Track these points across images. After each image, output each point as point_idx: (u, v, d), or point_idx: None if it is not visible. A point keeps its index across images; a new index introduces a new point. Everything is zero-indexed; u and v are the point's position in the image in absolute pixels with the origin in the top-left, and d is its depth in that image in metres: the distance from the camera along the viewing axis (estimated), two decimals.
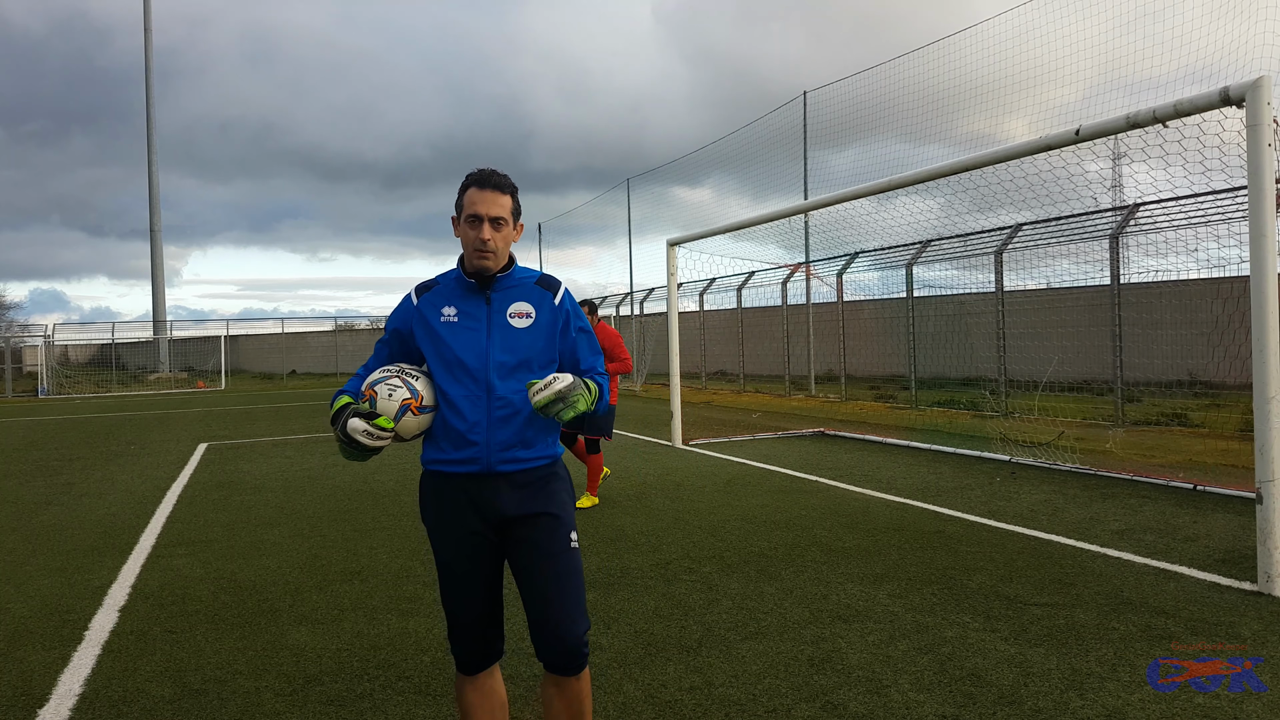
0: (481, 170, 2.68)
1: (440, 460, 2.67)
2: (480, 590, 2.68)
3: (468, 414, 2.61)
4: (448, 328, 2.68)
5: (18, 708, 3.73)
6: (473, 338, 2.66)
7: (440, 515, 2.70)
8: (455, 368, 2.65)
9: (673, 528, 6.81)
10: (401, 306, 2.81)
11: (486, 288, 2.70)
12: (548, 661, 2.64)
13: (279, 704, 3.70)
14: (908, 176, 8.57)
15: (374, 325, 46.60)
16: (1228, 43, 9.24)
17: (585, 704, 2.68)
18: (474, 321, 2.67)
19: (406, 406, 2.62)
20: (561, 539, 2.65)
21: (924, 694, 3.61)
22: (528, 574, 2.64)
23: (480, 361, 2.63)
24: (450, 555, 2.68)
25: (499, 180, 2.66)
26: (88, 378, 38.47)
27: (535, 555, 2.62)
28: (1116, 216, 12.87)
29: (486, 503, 2.63)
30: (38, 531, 7.34)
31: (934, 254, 16.39)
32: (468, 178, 2.69)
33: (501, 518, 2.63)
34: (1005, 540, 6.16)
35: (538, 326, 2.69)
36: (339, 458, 11.54)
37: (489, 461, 2.61)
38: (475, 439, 2.61)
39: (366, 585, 5.44)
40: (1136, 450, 10.00)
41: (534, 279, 2.77)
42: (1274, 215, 4.98)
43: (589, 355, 2.80)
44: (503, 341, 2.66)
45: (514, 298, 2.70)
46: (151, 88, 44.36)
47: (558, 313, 2.73)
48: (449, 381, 2.65)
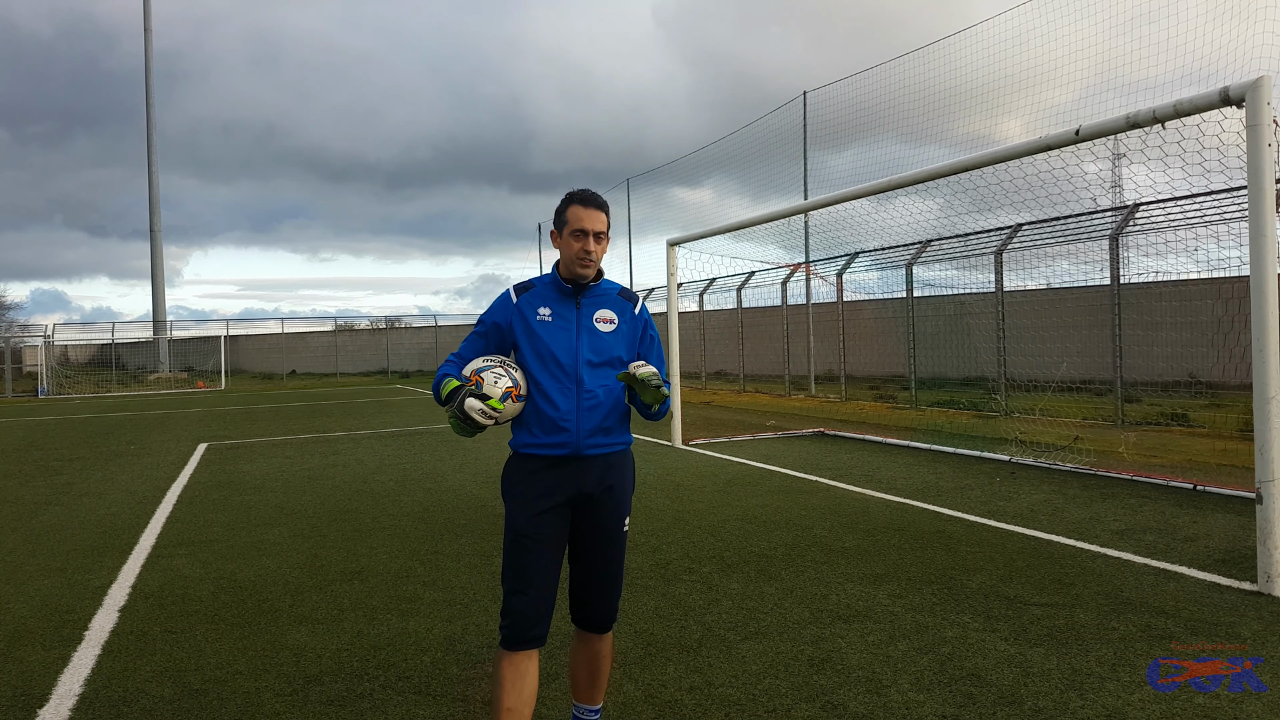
0: (583, 190, 3.02)
1: (533, 444, 2.96)
2: (554, 562, 2.94)
3: (560, 403, 2.92)
4: (543, 325, 2.99)
5: (18, 708, 3.73)
6: (565, 336, 2.98)
7: (528, 490, 2.94)
8: (549, 362, 2.95)
9: (673, 528, 6.81)
10: (501, 303, 3.09)
11: (579, 294, 3.03)
12: (580, 621, 3.09)
13: (279, 704, 3.70)
14: (907, 176, 8.57)
15: (374, 325, 46.62)
16: (1223, 46, 9.28)
17: (607, 659, 3.17)
18: (565, 322, 3.00)
19: (509, 393, 2.90)
20: (620, 519, 3.03)
21: (924, 694, 3.61)
22: (585, 546, 3.01)
23: (571, 358, 2.95)
24: (531, 526, 2.90)
25: (600, 200, 3.02)
26: (88, 378, 38.47)
27: (598, 531, 2.99)
28: (1116, 217, 12.88)
29: (572, 481, 2.94)
30: (38, 531, 7.34)
31: (934, 254, 16.39)
32: (570, 196, 3.02)
33: (582, 494, 2.95)
34: (1005, 540, 6.16)
35: (620, 332, 3.04)
36: (339, 458, 11.60)
37: (578, 445, 2.93)
38: (566, 425, 2.92)
39: (366, 585, 5.44)
40: (1137, 450, 10.00)
41: (616, 290, 3.12)
42: (1274, 215, 4.98)
43: (658, 364, 3.11)
44: (590, 342, 2.99)
45: (600, 305, 3.05)
46: (151, 88, 44.39)
47: (636, 322, 3.10)
48: (543, 374, 2.95)
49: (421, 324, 45.42)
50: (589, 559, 3.03)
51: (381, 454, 11.89)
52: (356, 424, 16.79)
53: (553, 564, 2.93)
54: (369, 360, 42.98)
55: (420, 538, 6.67)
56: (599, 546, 3.01)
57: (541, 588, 2.89)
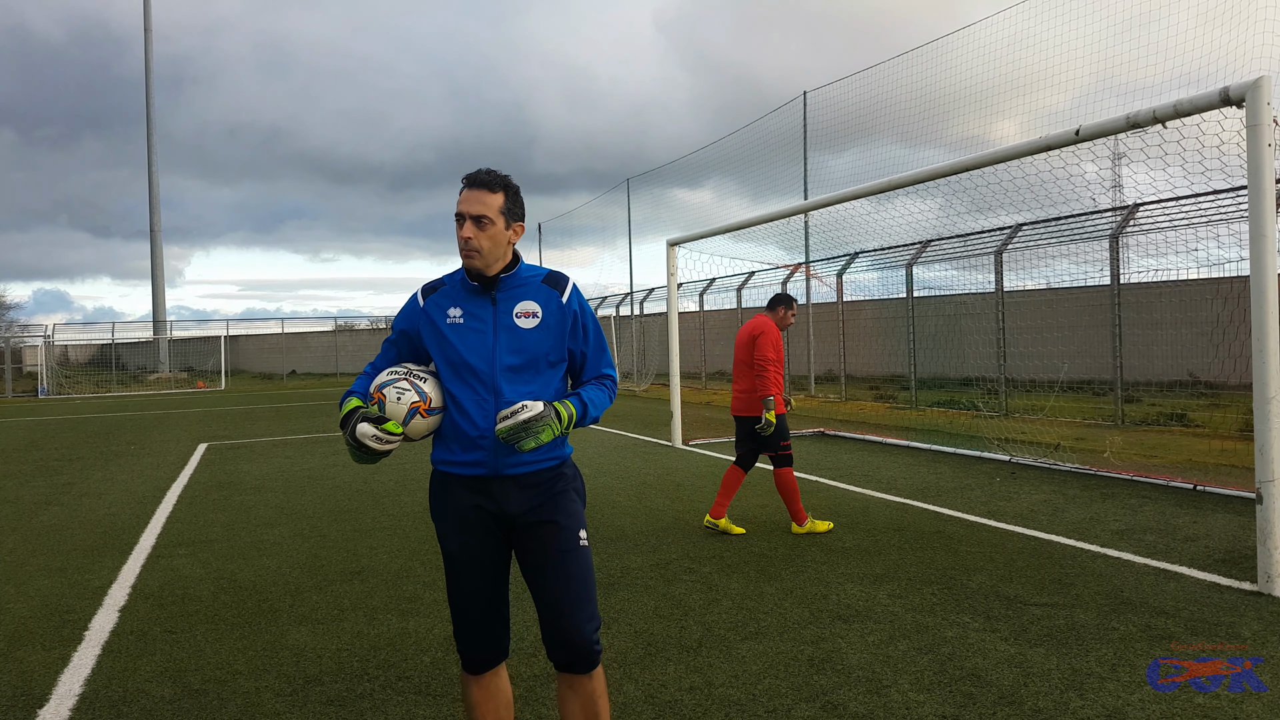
0: (475, 170, 2.65)
1: (448, 461, 2.66)
2: (487, 586, 2.67)
3: (476, 418, 2.59)
4: (454, 329, 2.64)
5: (18, 708, 3.73)
6: (479, 340, 2.62)
7: (448, 513, 2.69)
8: (462, 370, 2.62)
9: (673, 528, 6.81)
10: (408, 307, 2.77)
11: (491, 288, 2.65)
12: (558, 660, 2.63)
13: (279, 704, 3.70)
14: (907, 176, 8.57)
15: (374, 325, 46.60)
16: (1218, 50, 9.32)
17: (600, 703, 2.65)
18: (479, 323, 2.63)
19: (415, 409, 2.60)
20: (570, 538, 2.63)
21: (924, 694, 3.61)
22: (537, 573, 2.64)
23: (487, 364, 2.60)
24: (457, 551, 2.67)
25: (485, 178, 2.61)
26: (88, 378, 38.48)
27: (544, 555, 2.61)
28: (1116, 217, 12.88)
29: (494, 504, 2.62)
30: (38, 531, 7.33)
31: (934, 254, 16.40)
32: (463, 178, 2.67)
33: (509, 518, 2.63)
34: (1005, 540, 6.16)
35: (545, 326, 2.64)
36: (339, 458, 11.58)
37: (496, 465, 2.60)
38: (483, 443, 2.59)
39: (366, 585, 5.44)
40: (1137, 450, 10.00)
41: (540, 277, 2.72)
42: (1274, 215, 4.98)
43: (596, 355, 2.76)
44: (509, 343, 2.61)
45: (520, 297, 2.65)
46: (151, 89, 44.44)
47: (565, 310, 2.68)
48: (456, 384, 2.63)
49: None
50: (544, 586, 2.62)
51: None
52: None
53: (495, 586, 2.69)
54: (369, 360, 42.83)
55: (420, 538, 6.67)
56: (551, 569, 2.61)
57: (484, 611, 2.68)
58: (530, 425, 2.48)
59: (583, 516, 2.72)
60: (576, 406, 2.63)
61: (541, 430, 2.49)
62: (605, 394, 2.75)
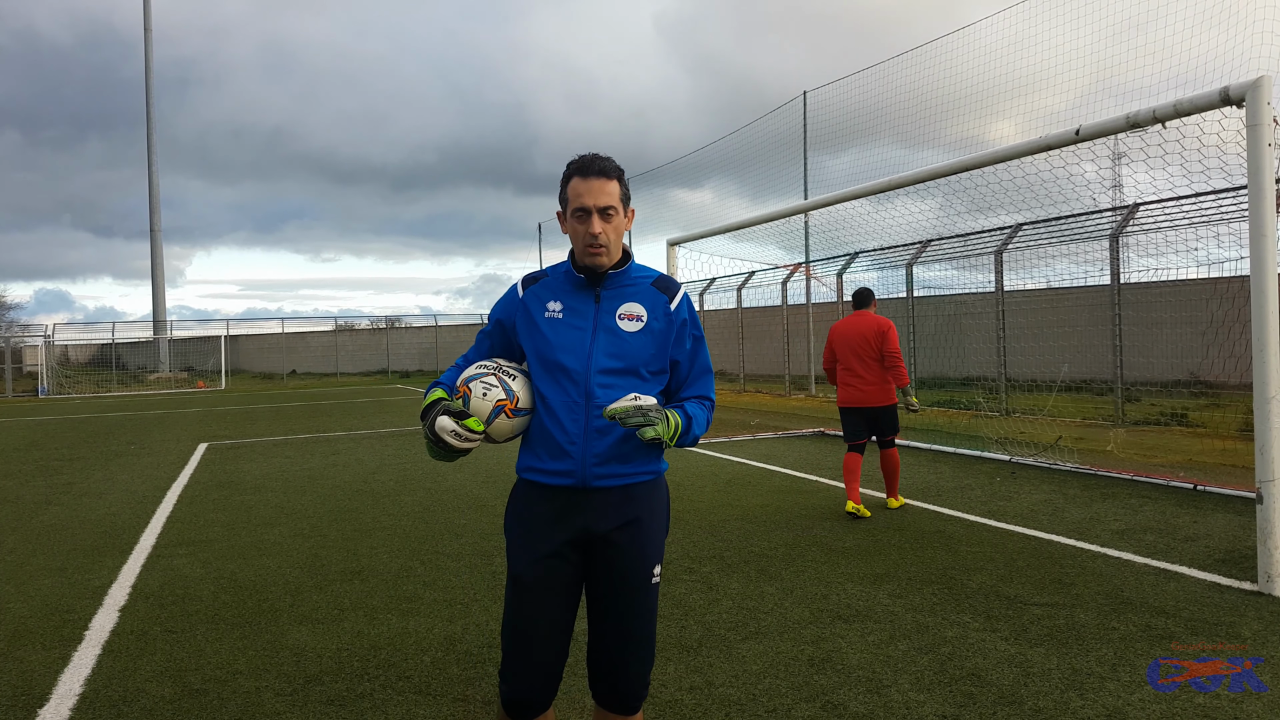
0: (584, 157, 2.44)
1: (535, 469, 2.46)
2: (559, 618, 2.43)
3: (566, 423, 2.40)
4: (551, 324, 2.46)
5: (18, 708, 3.73)
6: (577, 337, 2.43)
7: (528, 526, 2.47)
8: (554, 369, 2.43)
9: (673, 528, 6.78)
10: (507, 297, 2.59)
11: (597, 284, 2.47)
12: (604, 697, 2.49)
13: (279, 704, 3.70)
14: (907, 176, 8.57)
15: (374, 325, 46.61)
16: (1214, 53, 9.39)
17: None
18: (579, 319, 2.46)
19: (501, 408, 2.42)
20: (645, 571, 2.45)
21: (924, 694, 3.61)
22: (601, 604, 2.47)
23: (582, 365, 2.41)
24: (531, 571, 2.42)
25: (603, 165, 2.42)
26: (88, 378, 38.48)
27: (615, 586, 2.44)
28: (1116, 216, 12.88)
29: (578, 518, 2.42)
30: (38, 531, 7.34)
31: (934, 254, 16.40)
32: (569, 166, 2.46)
33: (590, 536, 2.43)
34: (1005, 540, 6.16)
35: (648, 331, 2.46)
36: (339, 458, 11.59)
37: (584, 475, 2.40)
38: (571, 450, 2.39)
39: (366, 585, 5.44)
40: (1137, 450, 10.00)
41: (651, 279, 2.54)
42: (1274, 215, 4.98)
43: (702, 374, 2.57)
44: (608, 345, 2.43)
45: (626, 298, 2.48)
46: (151, 89, 44.46)
47: (673, 319, 2.49)
48: (547, 384, 2.44)
49: (422, 324, 45.41)
50: (607, 617, 2.44)
51: (381, 454, 11.89)
52: (356, 424, 16.79)
53: (559, 619, 2.43)
54: (369, 360, 42.97)
55: (420, 538, 6.67)
56: (618, 602, 2.43)
57: (544, 648, 2.40)
58: (649, 412, 2.29)
59: (662, 548, 2.54)
60: (682, 417, 2.42)
61: (656, 420, 2.30)
62: (704, 414, 2.53)
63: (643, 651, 2.46)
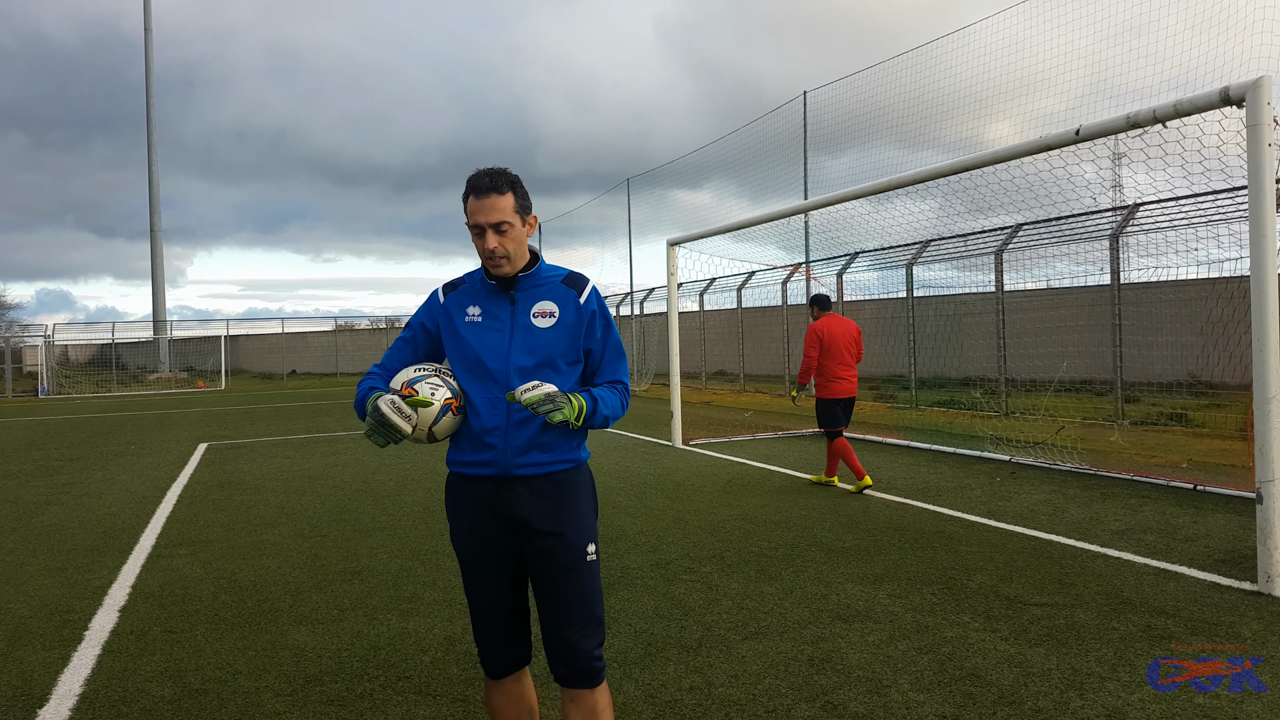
0: (477, 174, 2.57)
1: (461, 462, 2.63)
2: (502, 592, 2.64)
3: (486, 417, 2.55)
4: (471, 328, 2.63)
5: (18, 708, 3.73)
6: (496, 339, 2.60)
7: (461, 517, 2.67)
8: (477, 369, 2.59)
9: (673, 528, 6.81)
10: (428, 303, 2.75)
11: (510, 288, 2.63)
12: (559, 675, 2.61)
13: (279, 704, 3.70)
14: (907, 176, 8.57)
15: (374, 325, 46.62)
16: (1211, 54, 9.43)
17: (605, 714, 2.61)
18: (497, 322, 2.62)
19: (448, 407, 2.55)
20: (576, 551, 2.58)
21: (924, 694, 3.61)
22: (541, 586, 2.61)
23: (501, 363, 2.57)
24: (471, 556, 2.65)
25: (492, 181, 2.54)
26: (88, 378, 38.47)
27: (548, 568, 2.58)
28: (1116, 217, 12.88)
29: (504, 507, 2.58)
30: (38, 531, 7.33)
31: (934, 254, 16.40)
32: (466, 185, 2.58)
33: (519, 522, 2.57)
34: (1005, 540, 6.16)
35: (561, 326, 2.61)
36: (339, 458, 11.59)
37: (506, 465, 2.55)
38: (492, 442, 2.55)
39: (366, 585, 5.44)
40: (1137, 450, 10.00)
41: (560, 277, 2.69)
42: (1274, 215, 4.98)
43: (612, 359, 2.71)
44: (524, 342, 2.59)
45: (539, 297, 2.63)
46: (151, 89, 44.45)
47: (582, 311, 2.64)
48: (470, 383, 2.60)
49: None
50: (551, 600, 2.58)
51: (381, 454, 11.89)
52: (356, 424, 16.77)
53: (511, 591, 2.64)
54: (369, 360, 42.95)
55: (420, 538, 6.67)
56: (559, 584, 2.56)
57: (501, 617, 2.64)
58: (554, 397, 2.44)
59: (593, 528, 2.65)
60: (587, 400, 2.56)
61: (563, 404, 2.44)
62: (617, 397, 2.67)
63: (589, 628, 2.58)
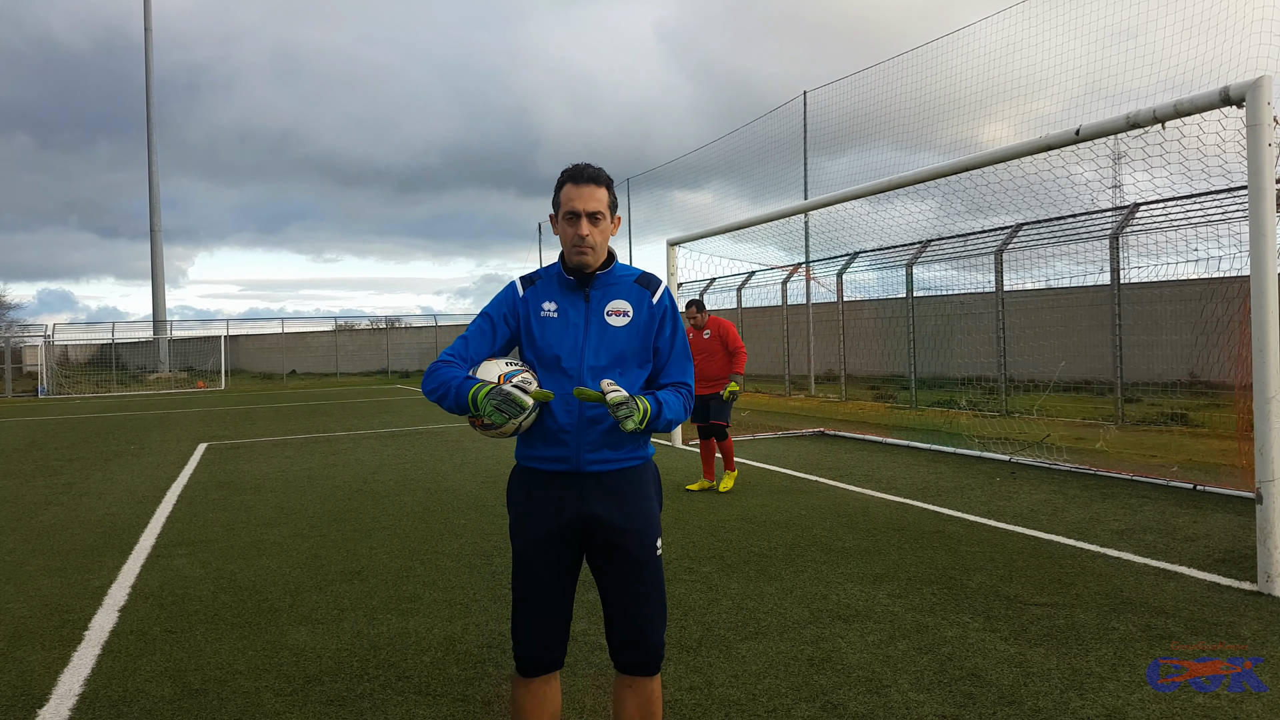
0: (576, 165, 2.66)
1: (532, 456, 2.66)
2: (555, 589, 2.65)
3: (560, 414, 2.59)
4: (547, 323, 2.67)
5: (18, 708, 3.73)
6: (571, 335, 2.64)
7: (527, 508, 2.67)
8: (551, 365, 2.64)
9: (673, 528, 6.81)
10: (507, 296, 2.76)
11: (586, 285, 2.68)
12: (626, 664, 2.67)
13: (279, 704, 3.70)
14: (908, 176, 8.57)
15: (374, 325, 46.61)
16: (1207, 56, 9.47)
17: (657, 705, 2.71)
18: (573, 318, 2.66)
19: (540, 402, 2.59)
20: (647, 547, 2.64)
21: (924, 694, 3.61)
22: (611, 580, 2.65)
23: (575, 361, 2.61)
24: (531, 550, 2.65)
25: (593, 173, 2.64)
26: (88, 378, 38.46)
27: (621, 562, 2.62)
28: (1116, 217, 12.88)
29: (574, 502, 2.61)
30: (38, 531, 7.33)
31: (934, 254, 16.40)
32: (563, 174, 2.67)
33: (588, 519, 2.61)
34: (1005, 540, 6.16)
35: (634, 325, 2.67)
36: (339, 458, 11.59)
37: (578, 461, 2.60)
38: (565, 438, 2.59)
39: (366, 585, 5.44)
40: (1137, 450, 10.00)
41: (634, 277, 2.75)
42: (1274, 215, 4.98)
43: (680, 361, 2.76)
44: (599, 340, 2.64)
45: (613, 295, 2.69)
46: (152, 89, 44.46)
47: (654, 310, 2.70)
48: (545, 379, 2.64)
49: (422, 324, 45.42)
50: (616, 591, 2.64)
51: (381, 454, 11.89)
52: (356, 424, 16.78)
53: (560, 590, 2.66)
54: (369, 360, 42.98)
55: (420, 538, 6.67)
56: (624, 577, 2.62)
57: (543, 614, 2.64)
58: (628, 401, 2.49)
59: (659, 523, 2.71)
60: (651, 403, 2.58)
61: (633, 411, 2.49)
62: (681, 401, 2.70)
63: (658, 618, 2.67)
